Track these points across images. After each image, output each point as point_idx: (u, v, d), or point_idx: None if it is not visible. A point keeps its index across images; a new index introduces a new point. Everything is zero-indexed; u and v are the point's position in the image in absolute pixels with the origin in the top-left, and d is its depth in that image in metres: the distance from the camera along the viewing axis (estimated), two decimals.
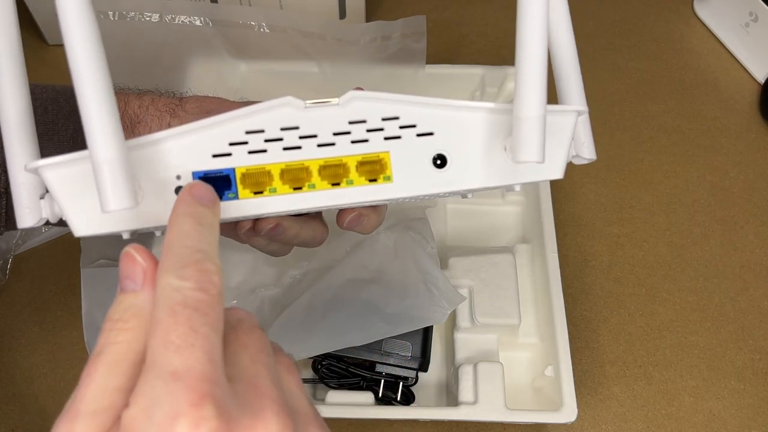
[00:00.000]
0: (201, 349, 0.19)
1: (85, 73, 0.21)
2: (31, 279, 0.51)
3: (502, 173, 0.28)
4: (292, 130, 0.26)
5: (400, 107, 0.27)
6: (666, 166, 0.57)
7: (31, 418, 0.45)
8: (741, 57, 0.63)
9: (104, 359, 0.20)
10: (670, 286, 0.51)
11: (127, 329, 0.20)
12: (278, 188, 0.26)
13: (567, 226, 0.54)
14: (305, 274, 0.45)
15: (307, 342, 0.41)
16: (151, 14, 0.53)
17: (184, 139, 0.26)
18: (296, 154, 0.26)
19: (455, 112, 0.27)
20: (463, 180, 0.27)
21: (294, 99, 0.26)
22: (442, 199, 0.52)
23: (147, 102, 0.36)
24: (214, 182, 0.26)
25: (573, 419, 0.41)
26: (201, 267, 0.20)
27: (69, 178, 0.24)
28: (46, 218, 0.26)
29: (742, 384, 0.47)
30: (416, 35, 0.55)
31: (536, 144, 0.24)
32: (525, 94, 0.24)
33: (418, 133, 0.27)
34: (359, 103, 0.26)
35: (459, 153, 0.27)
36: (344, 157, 0.27)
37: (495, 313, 0.45)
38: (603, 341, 0.49)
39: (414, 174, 0.27)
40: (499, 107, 0.27)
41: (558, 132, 0.27)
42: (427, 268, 0.43)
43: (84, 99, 0.22)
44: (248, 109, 0.26)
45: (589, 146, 0.29)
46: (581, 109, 0.28)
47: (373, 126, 0.27)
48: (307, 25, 0.55)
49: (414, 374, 0.44)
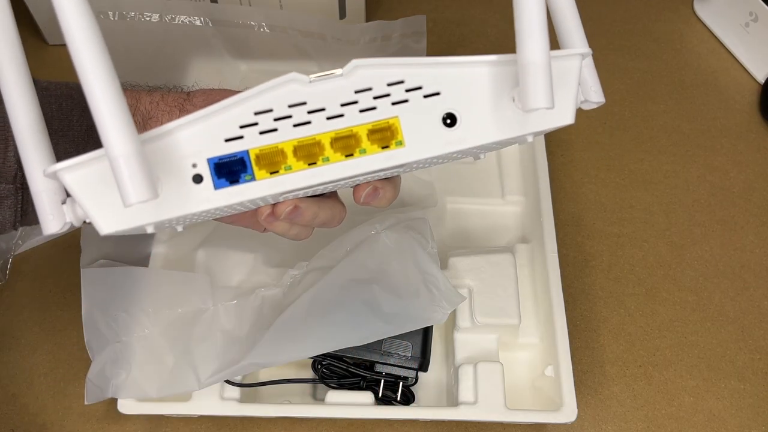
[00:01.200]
0: None
1: (91, 70, 0.22)
2: (31, 279, 0.51)
3: (513, 124, 0.28)
4: (299, 106, 0.26)
5: (404, 70, 0.27)
6: (666, 166, 0.57)
7: (31, 419, 0.45)
8: (741, 57, 0.63)
9: None
10: (670, 285, 0.51)
11: None
12: (293, 165, 0.27)
13: (567, 226, 0.54)
14: (305, 274, 0.45)
15: (307, 342, 0.41)
16: (151, 14, 0.53)
17: (194, 126, 0.26)
18: (307, 130, 0.26)
19: (459, 68, 0.27)
20: (475, 135, 0.27)
21: (298, 74, 0.26)
22: (442, 199, 0.52)
23: (157, 98, 0.36)
24: (230, 166, 0.26)
25: (573, 419, 0.41)
26: None
27: (88, 178, 0.25)
28: (71, 222, 0.26)
29: (742, 384, 0.47)
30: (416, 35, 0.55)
31: (544, 89, 0.24)
32: (527, 41, 0.24)
33: (425, 95, 0.27)
34: (363, 71, 0.26)
35: (468, 109, 0.27)
36: (354, 126, 0.27)
37: (495, 313, 0.45)
38: (603, 341, 0.49)
39: (425, 136, 0.27)
40: (502, 58, 0.27)
41: (564, 77, 0.27)
42: (427, 268, 0.43)
43: (93, 97, 0.22)
44: (254, 90, 0.26)
45: (596, 89, 0.29)
46: (584, 52, 0.28)
47: (380, 92, 0.27)
48: (307, 24, 0.55)
49: (414, 374, 0.44)
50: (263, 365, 0.41)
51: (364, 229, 0.45)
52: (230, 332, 0.43)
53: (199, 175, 0.26)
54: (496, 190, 0.53)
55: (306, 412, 0.43)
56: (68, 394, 0.46)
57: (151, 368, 0.42)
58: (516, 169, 0.54)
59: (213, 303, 0.44)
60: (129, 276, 0.45)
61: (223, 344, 0.43)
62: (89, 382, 0.41)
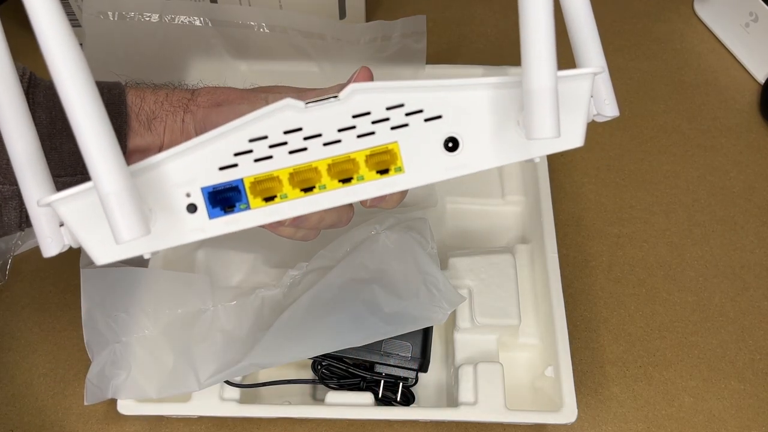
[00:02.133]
0: None
1: (78, 107, 0.21)
2: (31, 279, 0.51)
3: (518, 149, 0.26)
4: (295, 132, 0.26)
5: (404, 94, 0.26)
6: (666, 166, 0.57)
7: (31, 419, 0.45)
8: (741, 57, 0.63)
9: None
10: (670, 286, 0.51)
11: None
12: (289, 193, 0.26)
13: (567, 227, 0.54)
14: (305, 274, 0.45)
15: (307, 342, 0.41)
16: (150, 14, 0.53)
17: (188, 156, 0.25)
18: (303, 156, 0.26)
19: (463, 91, 0.26)
20: (478, 161, 0.26)
21: (293, 101, 0.25)
22: (442, 199, 0.52)
23: (162, 97, 0.36)
24: (224, 195, 0.26)
25: (573, 420, 0.41)
26: None
27: (81, 210, 0.24)
28: (69, 245, 0.26)
29: (742, 384, 0.47)
30: (416, 35, 0.55)
31: (550, 118, 0.23)
32: (533, 65, 0.23)
33: (426, 118, 0.26)
34: (361, 96, 0.26)
35: (471, 134, 0.26)
36: (352, 153, 0.26)
37: (495, 313, 0.45)
38: (603, 341, 0.49)
39: (426, 161, 0.26)
40: (508, 81, 0.26)
41: (574, 99, 0.26)
42: (427, 269, 0.43)
43: (80, 134, 0.21)
44: (249, 117, 0.25)
45: (611, 103, 0.28)
46: (597, 71, 0.26)
47: (378, 117, 0.26)
48: (306, 25, 0.55)
49: (414, 375, 0.44)
50: (263, 366, 0.41)
51: (364, 229, 0.45)
52: (230, 333, 0.43)
53: (193, 205, 0.26)
54: (496, 190, 0.53)
55: (306, 413, 0.43)
56: (68, 394, 0.46)
57: (151, 369, 0.42)
58: (516, 170, 0.53)
59: (213, 303, 0.44)
60: (129, 276, 0.44)
61: (222, 345, 0.43)
62: (89, 383, 0.41)
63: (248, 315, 0.44)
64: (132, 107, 0.34)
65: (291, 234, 0.36)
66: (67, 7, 0.57)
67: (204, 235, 0.26)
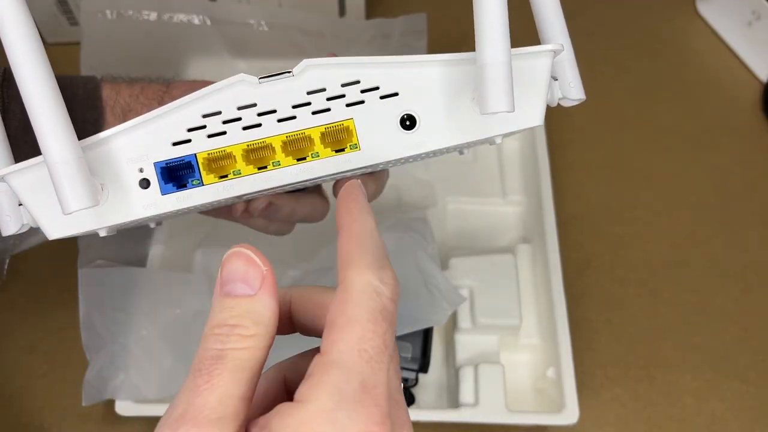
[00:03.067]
0: (386, 371, 0.18)
1: (28, 74, 0.21)
2: (29, 279, 0.50)
3: (477, 127, 0.26)
4: (249, 108, 0.25)
5: (360, 70, 0.26)
6: (668, 166, 0.57)
7: (29, 420, 0.45)
8: (743, 56, 0.63)
9: (228, 365, 0.19)
10: (672, 286, 0.51)
11: (249, 336, 0.19)
12: (243, 170, 0.26)
13: (568, 226, 0.53)
14: (305, 274, 0.45)
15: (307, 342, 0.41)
16: (149, 12, 0.52)
17: (140, 130, 0.25)
18: (257, 133, 0.26)
19: (419, 68, 0.26)
20: (436, 138, 0.26)
21: (247, 75, 0.25)
22: (442, 199, 0.52)
23: (137, 91, 0.36)
24: (177, 170, 0.25)
25: (574, 421, 0.41)
26: (394, 274, 0.19)
27: (33, 183, 0.24)
28: (28, 224, 0.26)
29: (745, 385, 0.47)
30: (417, 33, 0.55)
31: (503, 93, 0.22)
32: (485, 39, 0.23)
33: (382, 95, 0.26)
34: (315, 72, 0.25)
35: (428, 111, 0.26)
36: (307, 129, 0.26)
37: (496, 313, 0.45)
38: (605, 342, 0.49)
39: (382, 139, 0.26)
40: (464, 57, 0.26)
41: (531, 76, 0.26)
42: (428, 269, 0.43)
43: (30, 102, 0.21)
44: (201, 92, 0.25)
45: (576, 86, 0.27)
46: (556, 48, 0.26)
47: (333, 93, 0.26)
48: (306, 22, 0.55)
49: (414, 375, 0.44)
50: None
51: None
52: None
53: (146, 180, 0.25)
54: (497, 189, 0.53)
55: None
56: (66, 395, 0.46)
57: (149, 369, 0.42)
58: (517, 169, 0.53)
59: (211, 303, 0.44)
60: (127, 276, 0.44)
61: None
62: (87, 383, 0.41)
63: None
64: (107, 101, 0.34)
65: (263, 226, 0.36)
66: (65, 6, 0.57)
67: (156, 211, 0.26)
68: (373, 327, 0.18)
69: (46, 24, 0.60)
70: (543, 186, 0.49)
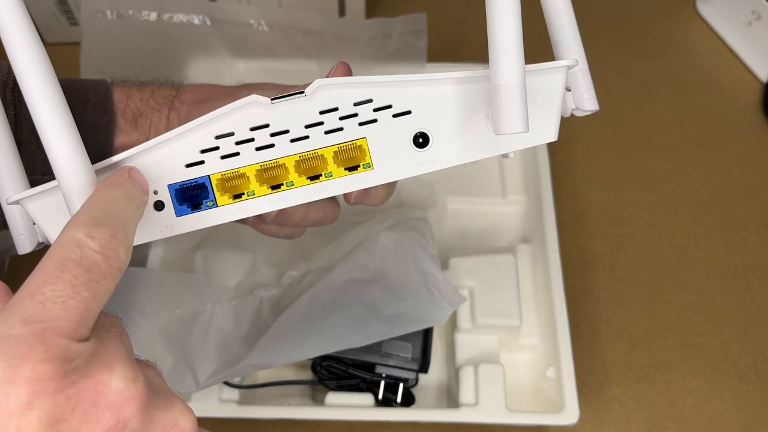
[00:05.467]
0: (73, 310, 0.18)
1: (41, 105, 0.22)
2: None
3: (490, 144, 0.26)
4: (262, 129, 0.26)
5: (372, 89, 0.26)
6: (668, 166, 0.57)
7: None
8: (744, 56, 0.63)
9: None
10: (672, 286, 0.51)
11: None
12: (256, 190, 0.26)
13: (568, 226, 0.53)
14: (304, 274, 0.45)
15: (307, 343, 0.41)
16: (149, 13, 0.52)
17: (153, 153, 0.25)
18: (270, 153, 0.26)
19: (432, 86, 0.26)
20: (449, 156, 0.26)
21: (259, 97, 0.25)
22: (443, 199, 0.52)
23: (147, 95, 0.36)
24: (191, 192, 0.26)
25: (575, 421, 0.41)
26: (114, 234, 0.20)
27: (48, 207, 0.25)
28: (44, 242, 0.26)
29: (745, 385, 0.47)
30: (417, 33, 0.55)
31: (517, 114, 0.22)
32: (499, 60, 0.22)
33: (395, 114, 0.26)
34: (328, 91, 0.25)
35: (441, 129, 0.26)
36: (320, 149, 0.26)
37: (496, 313, 0.45)
38: (605, 342, 0.48)
39: (395, 157, 0.26)
40: (477, 75, 0.26)
41: (546, 92, 0.26)
42: (428, 269, 0.43)
43: (44, 134, 0.22)
44: (214, 114, 0.25)
45: (590, 97, 0.27)
46: (570, 63, 0.26)
47: (346, 113, 0.26)
48: (306, 22, 0.55)
49: (414, 376, 0.43)
50: (262, 367, 0.41)
51: (363, 229, 0.45)
52: (229, 333, 0.43)
53: (160, 202, 0.25)
54: (497, 189, 0.53)
55: (305, 414, 0.42)
56: None
57: None
58: (517, 169, 0.53)
59: (211, 304, 0.44)
60: (126, 276, 0.44)
61: (221, 345, 0.42)
62: None
63: (247, 315, 0.44)
64: (118, 105, 0.34)
65: (275, 232, 0.36)
66: (65, 6, 0.57)
67: (172, 233, 0.26)
68: (60, 273, 0.19)
69: (46, 24, 0.60)
70: (543, 186, 0.49)
